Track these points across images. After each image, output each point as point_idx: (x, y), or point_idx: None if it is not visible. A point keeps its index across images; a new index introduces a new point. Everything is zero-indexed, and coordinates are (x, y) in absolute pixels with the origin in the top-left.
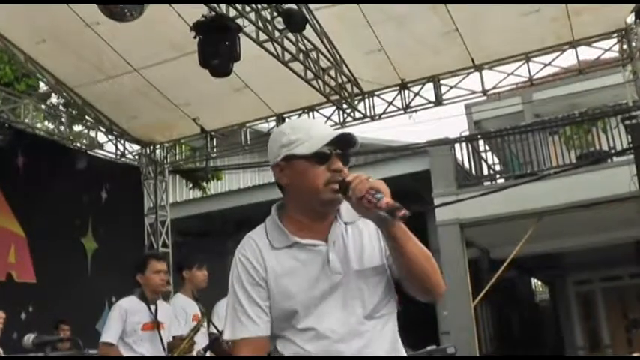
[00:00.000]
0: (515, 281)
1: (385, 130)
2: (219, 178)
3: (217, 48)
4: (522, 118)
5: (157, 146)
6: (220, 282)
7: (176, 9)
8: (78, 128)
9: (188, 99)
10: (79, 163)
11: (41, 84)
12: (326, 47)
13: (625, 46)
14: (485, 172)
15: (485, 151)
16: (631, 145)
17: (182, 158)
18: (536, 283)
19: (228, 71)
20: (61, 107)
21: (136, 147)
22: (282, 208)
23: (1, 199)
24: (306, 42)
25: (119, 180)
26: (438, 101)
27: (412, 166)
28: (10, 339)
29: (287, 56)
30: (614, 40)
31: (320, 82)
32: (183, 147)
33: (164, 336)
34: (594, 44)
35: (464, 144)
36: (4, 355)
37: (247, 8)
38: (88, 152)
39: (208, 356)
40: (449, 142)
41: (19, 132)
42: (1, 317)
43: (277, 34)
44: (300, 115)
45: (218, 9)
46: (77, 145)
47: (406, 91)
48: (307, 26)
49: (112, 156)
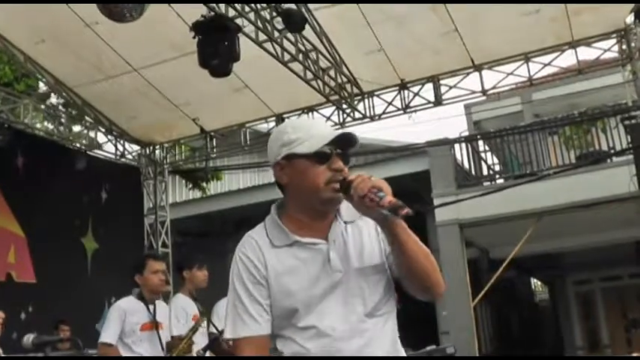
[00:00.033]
0: (514, 281)
1: (385, 131)
2: (218, 179)
3: (217, 48)
4: (522, 118)
5: (157, 146)
6: (220, 282)
7: (175, 9)
8: (77, 128)
9: (188, 99)
10: (79, 164)
11: (41, 84)
12: (325, 47)
13: (624, 46)
14: (484, 172)
15: (484, 151)
16: (630, 145)
17: (182, 158)
18: (535, 283)
19: (227, 71)
20: (61, 107)
21: (136, 147)
22: (281, 207)
23: (1, 200)
24: (305, 42)
25: (119, 180)
26: (438, 101)
27: (412, 167)
28: (10, 339)
29: (286, 56)
30: (613, 40)
31: (319, 83)
32: (182, 147)
33: (163, 336)
34: (594, 44)
35: (463, 144)
36: (4, 355)
37: (247, 8)
38: (88, 152)
39: (208, 356)
40: (448, 143)
41: (19, 132)
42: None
43: (277, 34)
44: (299, 116)
45: (217, 9)
46: (77, 146)
47: (406, 92)
48: (307, 26)
49: (112, 156)
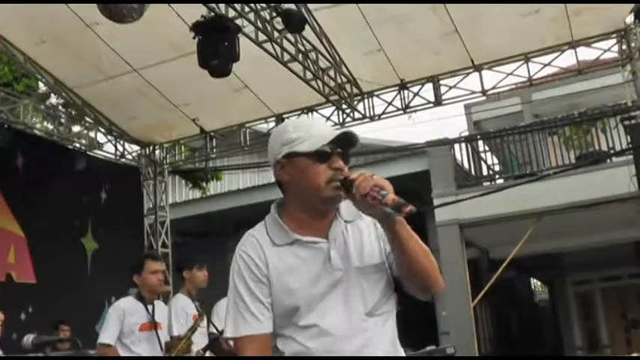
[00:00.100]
0: (514, 281)
1: (384, 131)
2: (218, 179)
3: (216, 48)
4: (522, 119)
5: (157, 146)
6: (220, 282)
7: (175, 9)
8: (77, 128)
9: (187, 99)
10: (79, 164)
11: (40, 84)
12: (325, 47)
13: (624, 47)
14: (484, 173)
15: (484, 152)
16: (630, 146)
17: (182, 158)
18: (535, 284)
19: (227, 71)
20: (61, 107)
21: (136, 147)
22: (281, 206)
23: (1, 200)
24: (305, 42)
25: (119, 180)
26: (438, 101)
27: (411, 167)
28: (10, 339)
29: (286, 56)
30: (613, 41)
31: (319, 83)
32: (182, 147)
33: (162, 336)
34: (594, 44)
35: (463, 144)
36: (4, 356)
37: (246, 8)
38: (88, 152)
39: (208, 356)
40: (448, 143)
41: (19, 132)
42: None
43: (276, 35)
44: (299, 116)
45: (217, 9)
46: (76, 146)
47: (405, 92)
48: (306, 26)
49: (112, 156)
